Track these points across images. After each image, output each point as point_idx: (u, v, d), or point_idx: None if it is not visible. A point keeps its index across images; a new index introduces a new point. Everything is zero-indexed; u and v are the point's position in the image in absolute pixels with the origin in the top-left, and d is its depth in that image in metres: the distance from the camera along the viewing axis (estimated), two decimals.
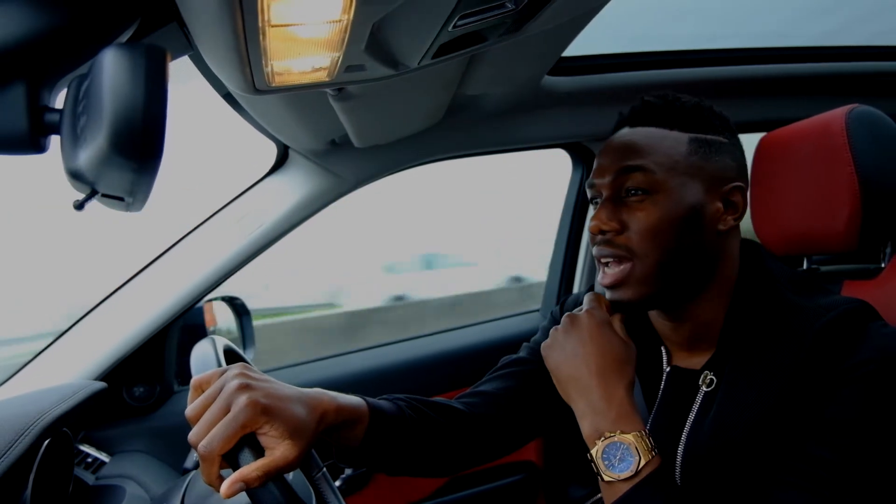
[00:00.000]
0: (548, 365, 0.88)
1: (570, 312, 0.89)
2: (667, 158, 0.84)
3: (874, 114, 1.05)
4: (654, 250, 0.83)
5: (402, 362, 1.74)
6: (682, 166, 0.85)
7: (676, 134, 0.86)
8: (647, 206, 0.84)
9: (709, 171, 0.86)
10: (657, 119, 0.88)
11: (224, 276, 1.49)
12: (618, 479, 0.75)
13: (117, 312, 1.45)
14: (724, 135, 0.89)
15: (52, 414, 0.98)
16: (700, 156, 0.85)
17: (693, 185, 0.85)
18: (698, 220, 0.85)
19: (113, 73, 0.48)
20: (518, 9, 0.74)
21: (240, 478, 0.66)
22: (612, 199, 0.87)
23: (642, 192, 0.84)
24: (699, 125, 0.87)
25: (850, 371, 0.74)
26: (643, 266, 0.84)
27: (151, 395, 1.50)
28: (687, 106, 0.88)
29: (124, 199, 0.57)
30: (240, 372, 0.73)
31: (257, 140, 1.45)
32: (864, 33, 1.89)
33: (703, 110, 0.89)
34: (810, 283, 0.87)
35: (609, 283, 0.86)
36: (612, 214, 0.86)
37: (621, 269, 0.85)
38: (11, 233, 4.12)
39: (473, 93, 1.35)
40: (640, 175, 0.84)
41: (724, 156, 0.87)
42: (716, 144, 0.87)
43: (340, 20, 0.65)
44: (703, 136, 0.87)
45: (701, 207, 0.85)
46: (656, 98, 0.90)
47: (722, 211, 0.86)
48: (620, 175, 0.86)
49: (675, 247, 0.84)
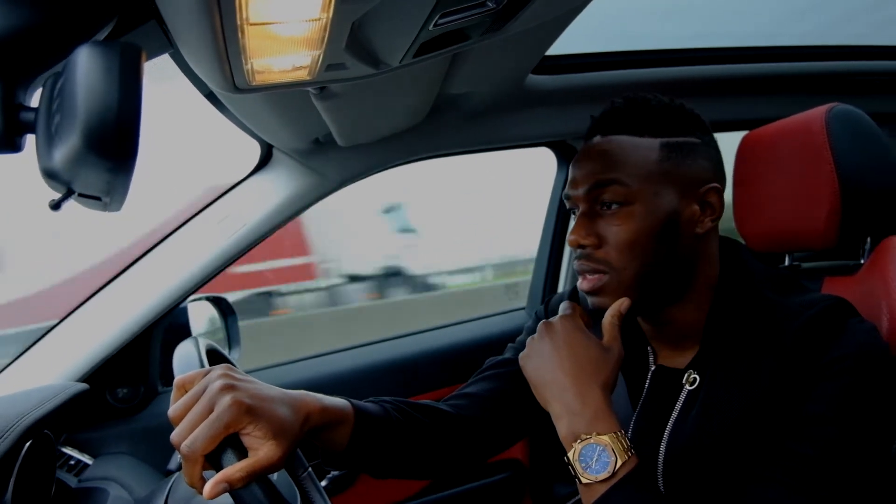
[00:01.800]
0: (525, 374, 0.88)
1: (544, 321, 0.89)
2: (639, 169, 0.84)
3: (854, 112, 1.06)
4: (633, 262, 0.84)
5: (387, 361, 1.74)
6: (655, 174, 0.84)
7: (648, 141, 0.86)
8: (622, 218, 0.84)
9: (683, 175, 0.86)
10: (627, 125, 0.87)
11: (208, 276, 1.48)
12: (595, 481, 0.75)
13: (100, 312, 1.43)
14: (695, 135, 0.88)
15: (34, 416, 0.97)
16: (673, 161, 0.85)
17: (668, 191, 0.85)
18: (675, 226, 0.85)
19: (87, 72, 0.48)
20: (499, 8, 0.74)
21: (223, 478, 0.66)
22: (587, 213, 0.87)
23: (617, 204, 0.84)
24: (670, 128, 0.87)
25: (828, 367, 0.75)
26: (623, 277, 0.84)
27: (135, 396, 1.48)
28: (656, 109, 0.88)
29: (101, 198, 0.57)
30: (224, 372, 0.72)
31: (241, 139, 1.44)
32: (843, 34, 1.91)
33: (673, 111, 0.88)
34: (790, 282, 0.87)
35: (588, 290, 0.87)
36: (590, 229, 0.86)
37: (600, 277, 0.85)
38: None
39: (457, 92, 1.35)
40: (614, 188, 0.84)
41: (698, 157, 0.87)
42: (687, 146, 0.87)
43: (320, 18, 0.65)
44: (674, 139, 0.86)
45: (677, 213, 0.85)
46: (625, 101, 0.89)
47: (699, 213, 0.87)
48: (595, 188, 0.86)
49: (654, 256, 0.84)
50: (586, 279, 0.87)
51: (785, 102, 1.65)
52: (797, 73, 1.73)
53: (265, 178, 1.52)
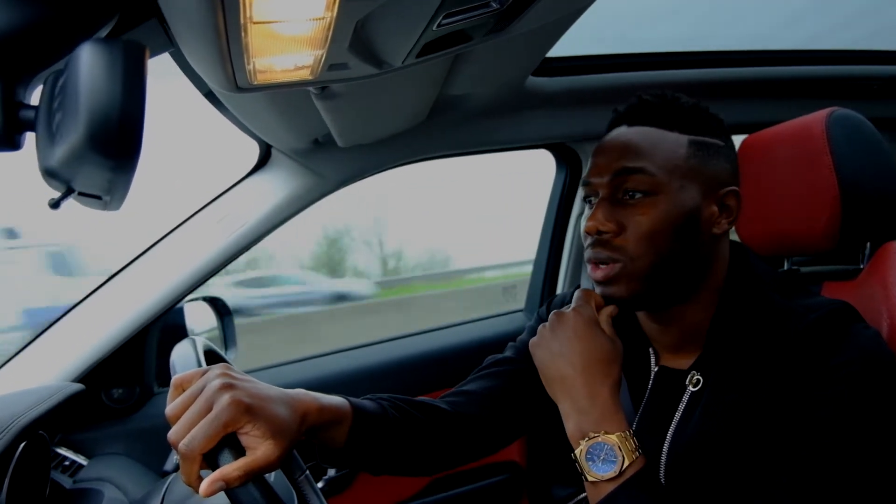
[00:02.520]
0: (536, 363, 0.88)
1: (557, 310, 0.89)
2: (667, 161, 0.84)
3: (854, 117, 1.06)
4: (650, 253, 0.83)
5: (386, 363, 1.74)
6: (681, 169, 0.84)
7: (676, 135, 0.86)
8: (646, 208, 0.83)
9: (707, 175, 0.85)
10: (656, 119, 0.87)
11: (205, 277, 1.47)
12: (602, 480, 0.75)
13: (96, 312, 1.42)
14: (720, 137, 0.88)
15: (28, 416, 0.96)
16: (699, 159, 0.85)
17: (691, 188, 0.84)
18: (695, 223, 0.85)
19: (89, 70, 0.47)
20: (503, 8, 0.74)
21: (220, 477, 0.65)
22: (609, 199, 0.86)
23: (642, 193, 0.84)
24: (697, 127, 0.87)
25: (832, 372, 0.74)
26: (637, 267, 0.84)
27: (131, 396, 1.48)
28: (686, 107, 0.88)
29: (101, 197, 0.56)
30: (222, 372, 0.72)
31: (240, 139, 1.44)
32: (843, 39, 1.92)
33: (701, 112, 0.88)
34: (795, 285, 0.87)
35: (600, 279, 0.86)
36: (610, 215, 0.84)
37: (613, 266, 0.85)
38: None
39: (458, 93, 1.35)
40: (640, 177, 0.83)
41: (721, 159, 0.87)
42: (713, 147, 0.87)
43: (324, 17, 0.64)
44: (701, 138, 0.86)
45: (698, 211, 0.85)
46: (654, 97, 0.89)
47: (717, 214, 0.86)
48: (619, 175, 0.85)
49: (671, 250, 0.84)
50: (599, 268, 0.86)
51: (785, 106, 1.65)
52: (797, 77, 1.73)
53: (264, 178, 1.51)
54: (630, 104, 0.90)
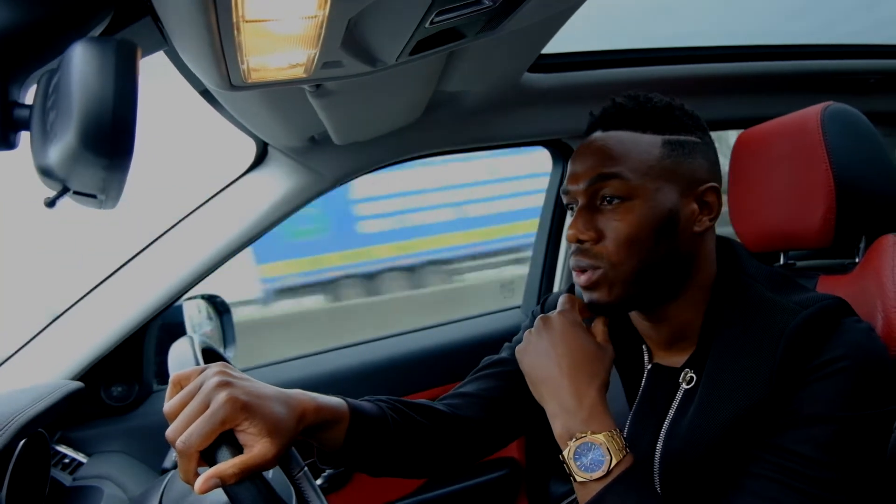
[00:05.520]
0: (522, 367, 0.88)
1: (542, 315, 0.89)
2: (641, 164, 0.84)
3: (849, 111, 1.07)
4: (631, 257, 0.84)
5: (382, 360, 1.74)
6: (656, 170, 0.84)
7: (650, 137, 0.86)
8: (623, 213, 0.84)
9: (683, 174, 0.86)
10: (629, 122, 0.87)
11: (203, 274, 1.47)
12: (590, 479, 0.75)
13: (95, 310, 1.43)
14: (696, 134, 0.88)
15: (28, 414, 0.96)
16: (674, 158, 0.85)
17: (668, 188, 0.85)
18: (674, 223, 0.85)
19: (82, 68, 0.48)
20: (495, 6, 0.74)
21: (216, 474, 0.66)
22: (587, 206, 0.86)
23: (618, 199, 0.84)
24: (671, 126, 0.87)
25: (824, 366, 0.75)
26: (619, 272, 0.84)
27: (130, 394, 1.48)
28: (659, 106, 0.88)
29: (97, 196, 0.57)
30: (220, 370, 0.73)
31: (236, 137, 1.44)
32: (839, 33, 1.92)
33: (675, 110, 0.88)
34: (786, 280, 0.87)
35: (585, 284, 0.87)
36: (589, 223, 0.85)
37: (597, 272, 0.85)
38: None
39: (453, 90, 1.35)
40: (615, 182, 0.84)
41: (697, 156, 0.87)
42: (689, 145, 0.87)
43: (316, 16, 0.65)
44: (675, 137, 0.86)
45: (677, 211, 0.85)
46: (627, 99, 0.89)
47: (697, 212, 0.87)
48: (595, 182, 0.85)
49: (652, 252, 0.84)
50: (584, 274, 0.86)
51: (780, 101, 1.65)
52: (792, 71, 1.73)
53: (260, 176, 1.52)
54: (604, 108, 0.91)
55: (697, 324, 0.89)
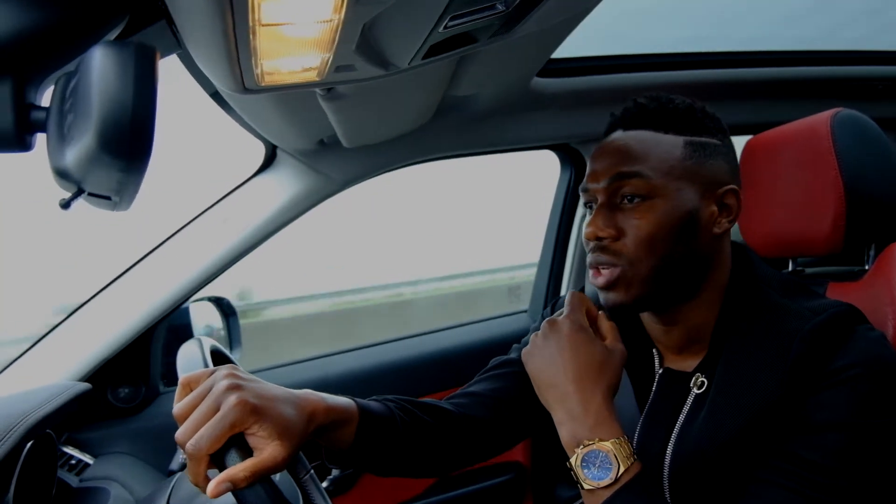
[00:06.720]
0: (528, 371, 0.87)
1: (549, 318, 0.88)
2: (663, 163, 0.84)
3: (858, 117, 1.06)
4: (651, 256, 0.83)
5: (391, 363, 1.74)
6: (677, 171, 0.84)
7: (671, 137, 0.86)
8: (643, 212, 0.84)
9: (704, 175, 0.86)
10: (651, 122, 0.87)
11: (211, 277, 1.48)
12: (598, 487, 0.74)
13: (102, 312, 1.43)
14: (717, 136, 0.88)
15: (36, 415, 0.97)
16: (695, 159, 0.85)
17: (689, 189, 0.85)
18: (694, 224, 0.85)
19: (101, 72, 0.48)
20: (509, 10, 0.74)
21: (227, 478, 0.65)
22: (607, 205, 0.86)
23: (639, 198, 0.84)
24: (693, 127, 0.87)
25: (836, 374, 0.74)
26: (637, 271, 0.84)
27: (137, 396, 1.48)
28: (681, 108, 0.88)
29: (111, 198, 0.57)
30: (229, 372, 0.72)
31: (245, 139, 1.44)
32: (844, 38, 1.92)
33: (697, 112, 0.88)
34: (798, 286, 0.87)
35: (602, 285, 0.86)
36: (609, 221, 0.85)
37: (616, 271, 0.85)
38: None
39: (463, 94, 1.35)
40: (636, 181, 0.84)
41: (718, 158, 0.87)
42: (710, 147, 0.87)
43: (331, 20, 0.65)
44: (697, 138, 0.86)
45: (697, 212, 0.85)
46: (649, 100, 0.89)
47: (717, 214, 0.87)
48: (616, 180, 0.85)
49: (671, 252, 0.84)
50: (601, 273, 0.86)
51: (789, 107, 1.65)
52: (801, 77, 1.73)
53: (269, 178, 1.52)
54: (625, 108, 0.91)
55: (710, 327, 0.88)
